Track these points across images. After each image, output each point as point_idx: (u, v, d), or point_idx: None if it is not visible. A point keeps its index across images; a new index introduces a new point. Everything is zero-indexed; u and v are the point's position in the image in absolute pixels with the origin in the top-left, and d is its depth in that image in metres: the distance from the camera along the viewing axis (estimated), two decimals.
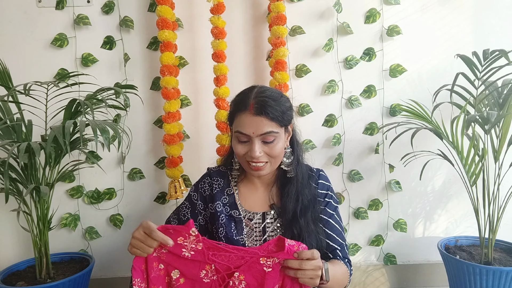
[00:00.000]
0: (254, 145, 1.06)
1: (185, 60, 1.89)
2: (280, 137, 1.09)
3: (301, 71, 1.90)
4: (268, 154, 1.08)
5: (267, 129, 1.05)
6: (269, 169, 1.12)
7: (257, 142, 1.06)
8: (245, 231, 1.15)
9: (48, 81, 1.55)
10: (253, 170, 1.10)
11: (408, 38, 1.90)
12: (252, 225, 1.15)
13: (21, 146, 1.32)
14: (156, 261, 0.98)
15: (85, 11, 1.84)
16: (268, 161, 1.09)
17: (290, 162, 1.16)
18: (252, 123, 1.05)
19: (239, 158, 1.12)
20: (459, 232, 2.01)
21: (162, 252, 0.98)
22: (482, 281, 1.59)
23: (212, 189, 1.20)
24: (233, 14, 1.85)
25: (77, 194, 1.90)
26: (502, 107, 1.62)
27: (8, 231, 1.92)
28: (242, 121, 1.07)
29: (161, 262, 0.98)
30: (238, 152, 1.10)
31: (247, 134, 1.06)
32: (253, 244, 1.14)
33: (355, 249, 2.01)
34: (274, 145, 1.07)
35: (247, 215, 1.17)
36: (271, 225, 1.16)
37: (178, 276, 0.98)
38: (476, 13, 1.90)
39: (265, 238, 1.14)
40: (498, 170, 1.66)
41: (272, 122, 1.05)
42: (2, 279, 1.60)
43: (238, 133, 1.08)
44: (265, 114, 1.04)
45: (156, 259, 0.98)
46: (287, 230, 1.13)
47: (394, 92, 1.93)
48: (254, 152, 1.05)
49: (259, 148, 1.06)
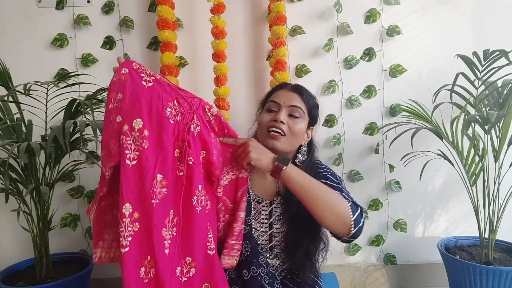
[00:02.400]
0: (281, 111, 1.17)
1: (185, 60, 1.89)
2: (303, 120, 1.20)
3: (301, 71, 1.90)
4: (289, 127, 1.16)
5: (296, 103, 1.19)
6: (285, 145, 1.16)
7: (284, 111, 1.17)
8: (252, 213, 1.20)
9: (48, 81, 1.55)
10: (270, 138, 1.16)
11: (408, 38, 1.90)
12: (260, 208, 1.21)
13: (21, 146, 1.32)
14: (113, 113, 0.89)
15: (85, 11, 1.84)
16: (286, 134, 1.16)
17: (304, 160, 1.23)
18: (285, 95, 1.21)
19: (261, 128, 1.19)
20: (459, 232, 2.01)
21: (118, 100, 0.88)
22: (482, 281, 1.59)
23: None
24: (233, 14, 1.85)
25: (77, 194, 1.90)
26: (502, 107, 1.62)
27: (8, 231, 1.92)
28: (278, 93, 1.23)
29: (119, 113, 0.89)
30: (264, 119, 1.19)
31: (278, 103, 1.19)
32: (260, 226, 1.20)
33: (355, 249, 2.01)
34: (297, 122, 1.17)
35: (256, 198, 1.22)
36: (277, 210, 1.20)
37: (141, 127, 0.88)
38: (476, 13, 1.90)
39: (270, 221, 1.19)
40: (498, 170, 1.66)
41: (302, 102, 1.20)
42: (2, 279, 1.60)
43: (270, 102, 1.21)
44: (298, 93, 1.21)
45: (114, 110, 0.89)
46: (291, 226, 1.17)
47: (394, 92, 1.93)
48: (280, 115, 1.15)
49: (285, 116, 1.17)
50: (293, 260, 1.17)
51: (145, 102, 0.88)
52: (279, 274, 1.21)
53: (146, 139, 0.88)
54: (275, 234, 1.19)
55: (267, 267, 1.14)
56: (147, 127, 0.88)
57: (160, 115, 0.90)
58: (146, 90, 0.88)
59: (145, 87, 0.89)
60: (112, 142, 0.88)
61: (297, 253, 1.16)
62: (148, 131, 0.88)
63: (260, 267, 1.13)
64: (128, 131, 0.87)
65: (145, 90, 0.88)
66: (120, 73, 0.89)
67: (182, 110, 0.95)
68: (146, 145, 0.88)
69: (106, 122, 0.90)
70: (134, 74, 0.89)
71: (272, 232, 1.19)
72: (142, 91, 0.88)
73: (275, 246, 1.20)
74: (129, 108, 0.87)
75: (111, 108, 0.89)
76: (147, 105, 0.88)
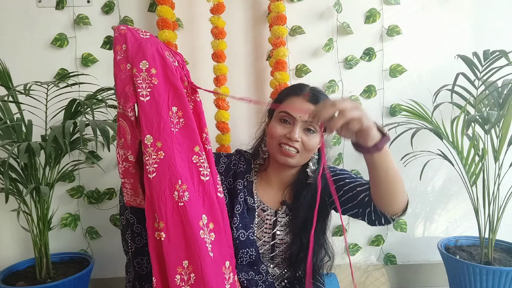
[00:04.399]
0: (296, 127, 1.06)
1: (185, 60, 1.89)
2: (318, 134, 1.09)
3: (301, 71, 1.90)
4: (304, 143, 1.08)
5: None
6: (297, 161, 1.10)
7: (299, 126, 1.07)
8: (256, 221, 1.14)
9: (48, 81, 1.55)
10: (282, 155, 1.09)
11: (408, 38, 1.90)
12: (264, 216, 1.16)
13: (21, 146, 1.32)
14: (123, 63, 0.94)
15: (85, 11, 1.84)
16: (300, 151, 1.08)
17: (315, 169, 1.16)
18: (301, 107, 1.07)
19: (272, 139, 1.10)
20: (459, 232, 2.01)
21: (124, 50, 0.93)
22: (482, 281, 1.59)
23: (237, 167, 1.20)
24: (233, 14, 1.85)
25: (77, 194, 1.90)
26: (502, 107, 1.62)
27: (8, 231, 1.92)
28: (293, 103, 1.09)
29: (127, 62, 0.93)
30: (276, 131, 1.09)
31: (293, 116, 1.07)
32: (263, 235, 1.15)
33: (355, 249, 2.01)
34: (312, 138, 1.08)
35: (261, 205, 1.17)
36: (282, 220, 1.16)
37: (148, 67, 0.92)
38: (476, 13, 1.90)
39: (274, 231, 1.15)
40: (498, 170, 1.66)
41: None
42: (2, 279, 1.60)
43: (284, 113, 1.09)
44: (316, 104, 1.06)
45: (122, 61, 0.94)
46: (296, 238, 1.13)
47: (394, 92, 1.93)
48: (295, 133, 1.05)
49: (300, 132, 1.07)
50: (296, 269, 1.14)
51: (146, 47, 0.93)
52: (279, 284, 1.18)
53: (155, 76, 0.93)
54: (277, 245, 1.16)
55: (266, 276, 1.12)
56: (153, 66, 0.93)
57: (162, 56, 0.95)
58: (145, 39, 0.95)
59: (143, 37, 0.95)
60: (128, 86, 0.93)
61: (300, 262, 1.12)
62: (155, 69, 0.93)
63: (258, 274, 1.12)
64: (137, 73, 0.92)
65: (144, 39, 0.95)
66: (120, 29, 0.95)
67: (178, 59, 1.01)
68: (155, 81, 0.93)
69: (118, 72, 0.95)
70: (132, 30, 0.96)
71: (275, 243, 1.16)
72: (142, 39, 0.94)
73: (277, 256, 1.16)
74: (133, 54, 0.93)
75: (120, 59, 0.94)
76: (149, 49, 0.93)
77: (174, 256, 0.88)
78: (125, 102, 0.93)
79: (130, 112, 0.94)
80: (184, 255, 0.89)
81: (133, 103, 0.93)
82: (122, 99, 0.94)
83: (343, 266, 2.01)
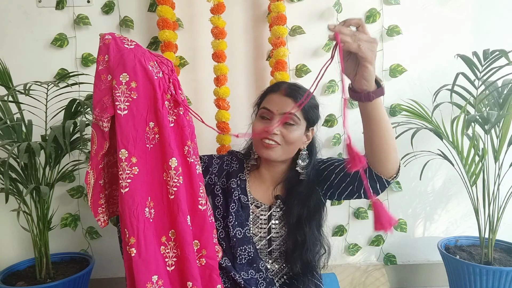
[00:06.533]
0: (274, 120, 1.10)
1: (185, 60, 1.89)
2: (299, 127, 1.12)
3: (301, 71, 1.90)
4: (284, 136, 1.10)
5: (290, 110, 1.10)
6: (279, 154, 1.12)
7: (277, 119, 1.10)
8: (250, 218, 1.17)
9: (48, 81, 1.55)
10: (264, 148, 1.11)
11: (408, 38, 1.90)
12: (258, 212, 1.18)
13: (21, 146, 1.32)
14: (104, 73, 0.94)
15: (85, 11, 1.84)
16: (281, 144, 1.11)
17: (305, 165, 1.18)
18: (278, 102, 1.11)
19: (255, 136, 1.14)
20: (459, 232, 2.01)
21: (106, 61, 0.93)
22: (482, 281, 1.59)
23: (230, 167, 1.23)
24: (233, 14, 1.85)
25: (77, 194, 1.90)
26: (502, 107, 1.62)
27: (8, 231, 1.92)
28: (270, 99, 1.14)
29: (108, 72, 0.93)
30: (256, 128, 1.13)
31: (271, 111, 1.11)
32: (258, 231, 1.17)
33: (355, 249, 2.01)
34: (291, 130, 1.11)
35: (255, 202, 1.19)
36: (276, 214, 1.17)
37: (128, 80, 0.92)
38: (476, 13, 1.91)
39: (269, 226, 1.17)
40: (498, 170, 1.66)
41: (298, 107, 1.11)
42: (2, 279, 1.60)
43: (263, 109, 1.14)
44: (293, 97, 1.10)
45: (104, 71, 0.94)
46: (291, 235, 1.14)
47: (394, 92, 1.93)
48: (271, 125, 1.08)
49: (278, 126, 1.09)
50: (293, 265, 1.15)
51: (128, 58, 0.93)
52: (279, 280, 1.19)
53: (134, 90, 0.92)
54: (274, 239, 1.17)
55: (265, 272, 1.13)
56: (133, 79, 0.92)
57: (144, 68, 0.94)
58: (128, 50, 0.94)
59: (127, 48, 0.94)
60: (106, 97, 0.93)
61: (297, 259, 1.13)
62: (135, 82, 0.92)
63: (258, 271, 1.12)
64: (116, 85, 0.91)
65: (127, 50, 0.94)
66: (104, 39, 0.95)
67: (164, 69, 0.99)
68: (135, 95, 0.92)
69: (97, 82, 0.94)
70: (117, 39, 0.95)
71: (271, 237, 1.17)
72: (125, 50, 0.93)
73: (274, 250, 1.18)
74: (114, 65, 0.92)
75: (101, 69, 0.94)
76: (131, 61, 0.93)
77: (144, 272, 0.89)
78: (101, 112, 0.93)
79: (105, 122, 0.93)
80: (154, 270, 0.90)
81: (111, 114, 0.92)
82: (98, 108, 0.93)
83: (343, 266, 2.01)
